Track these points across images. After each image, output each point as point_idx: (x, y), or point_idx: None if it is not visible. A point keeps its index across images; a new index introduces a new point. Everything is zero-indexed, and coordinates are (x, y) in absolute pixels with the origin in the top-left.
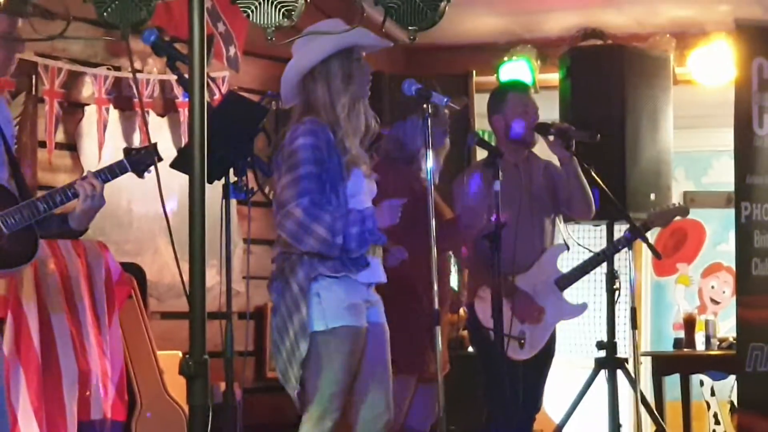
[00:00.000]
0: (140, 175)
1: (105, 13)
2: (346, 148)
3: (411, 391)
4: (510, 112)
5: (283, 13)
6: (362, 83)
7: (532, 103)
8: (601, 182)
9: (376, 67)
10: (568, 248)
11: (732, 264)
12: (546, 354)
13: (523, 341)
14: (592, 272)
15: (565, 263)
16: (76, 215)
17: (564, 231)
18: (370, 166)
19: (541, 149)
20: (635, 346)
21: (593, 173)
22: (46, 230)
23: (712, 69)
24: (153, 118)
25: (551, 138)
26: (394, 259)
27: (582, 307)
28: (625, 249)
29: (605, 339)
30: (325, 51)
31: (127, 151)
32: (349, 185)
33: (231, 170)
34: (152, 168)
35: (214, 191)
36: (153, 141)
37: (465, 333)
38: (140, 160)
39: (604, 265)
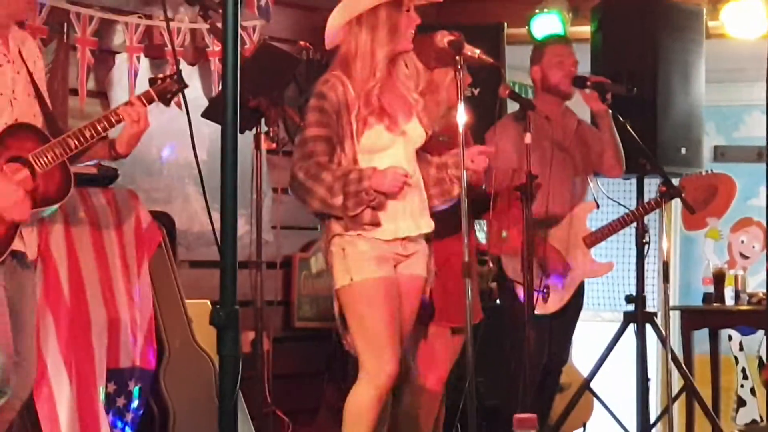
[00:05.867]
0: (167, 104)
1: None
2: (371, 101)
3: (445, 340)
4: (546, 63)
5: None
6: (407, 36)
7: (570, 55)
8: (636, 136)
9: None
10: (598, 206)
11: (762, 219)
12: (573, 308)
13: (546, 294)
14: None
15: (595, 216)
16: (124, 140)
17: (594, 186)
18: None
19: (575, 105)
20: (666, 301)
21: (629, 128)
22: (92, 158)
23: (745, 22)
24: (184, 67)
25: (587, 91)
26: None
27: (608, 266)
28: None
29: (634, 293)
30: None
31: (153, 81)
32: (363, 142)
33: (262, 120)
34: (178, 96)
35: (244, 141)
36: (178, 71)
37: (494, 285)
38: (166, 88)
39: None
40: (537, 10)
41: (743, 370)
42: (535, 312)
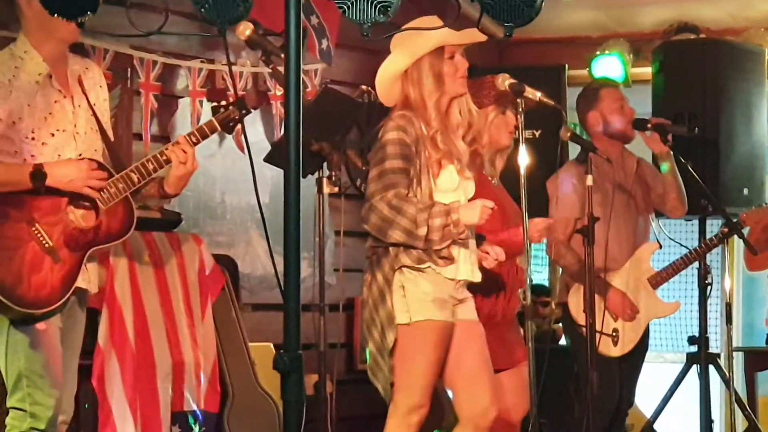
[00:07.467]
0: (229, 132)
1: (203, 10)
2: (438, 146)
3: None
4: (607, 108)
5: (379, 10)
6: (455, 81)
7: (625, 98)
8: (697, 177)
9: (468, 61)
10: (660, 246)
11: None
12: (639, 350)
13: (616, 338)
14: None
15: (656, 257)
16: (171, 181)
17: (656, 226)
18: (470, 164)
19: (634, 145)
20: (729, 342)
21: (690, 168)
22: (144, 197)
23: None
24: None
25: (648, 133)
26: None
27: (675, 306)
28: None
29: (697, 334)
30: (415, 53)
31: (215, 109)
32: (438, 182)
33: (324, 164)
34: (240, 140)
35: (306, 184)
36: (238, 98)
37: (556, 327)
38: (229, 116)
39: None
40: (598, 52)
41: None
42: (605, 354)
